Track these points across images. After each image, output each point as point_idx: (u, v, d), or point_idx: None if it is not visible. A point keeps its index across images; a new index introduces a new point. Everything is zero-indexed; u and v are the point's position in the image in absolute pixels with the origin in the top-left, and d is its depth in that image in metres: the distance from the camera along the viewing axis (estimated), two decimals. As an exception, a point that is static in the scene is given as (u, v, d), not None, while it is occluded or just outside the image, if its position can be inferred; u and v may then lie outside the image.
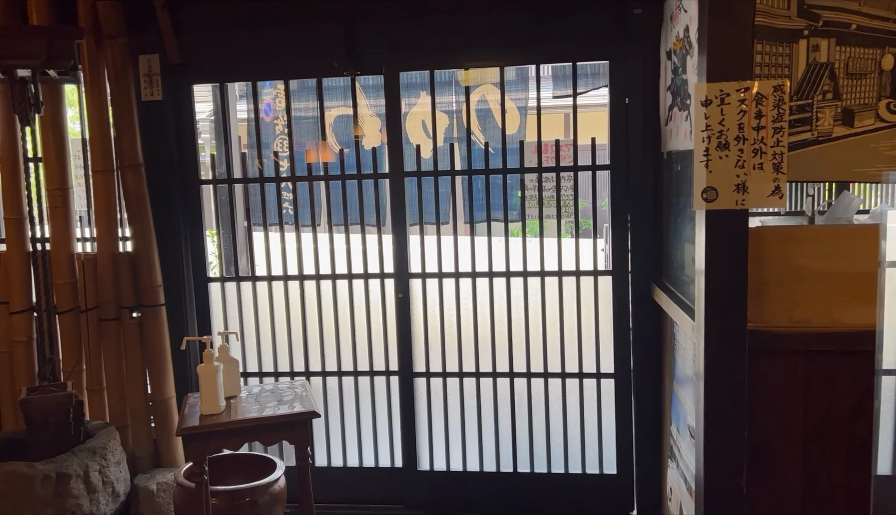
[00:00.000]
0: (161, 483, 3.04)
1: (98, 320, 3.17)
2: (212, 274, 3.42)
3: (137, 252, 3.17)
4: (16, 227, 3.14)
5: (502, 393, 3.28)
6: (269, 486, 2.82)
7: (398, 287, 3.26)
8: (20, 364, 3.18)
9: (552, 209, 3.13)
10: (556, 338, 3.21)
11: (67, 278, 3.14)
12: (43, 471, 2.60)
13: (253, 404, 2.44)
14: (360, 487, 3.39)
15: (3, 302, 3.18)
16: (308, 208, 3.31)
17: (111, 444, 2.90)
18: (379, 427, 3.40)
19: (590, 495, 3.23)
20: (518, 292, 3.21)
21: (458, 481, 3.32)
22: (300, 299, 3.37)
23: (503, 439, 3.29)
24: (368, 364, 3.38)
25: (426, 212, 3.26)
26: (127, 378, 3.20)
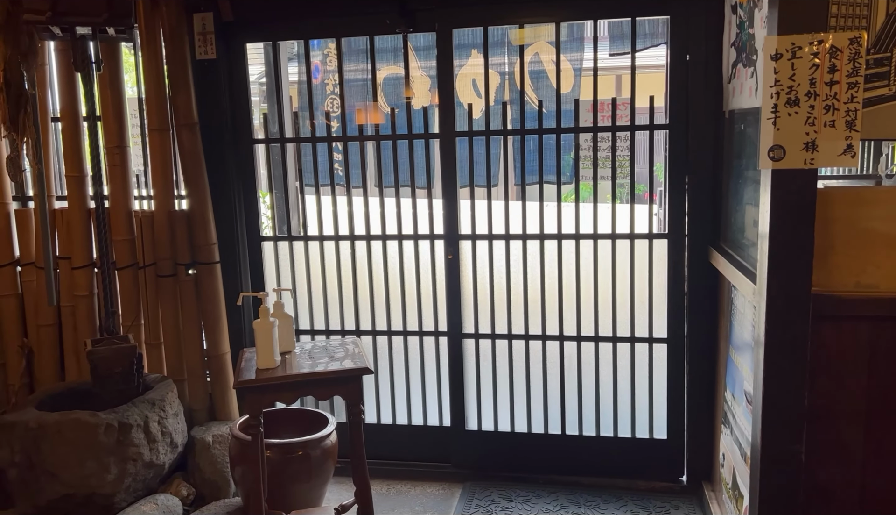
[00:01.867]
0: (217, 436, 3.12)
1: (155, 276, 3.25)
2: (264, 233, 3.46)
3: (193, 210, 3.22)
4: (76, 184, 3.22)
5: (552, 356, 3.26)
6: (322, 440, 2.88)
7: (448, 249, 3.25)
8: (82, 318, 3.28)
9: (607, 170, 3.07)
10: (607, 302, 3.17)
11: (126, 235, 3.22)
12: (106, 420, 2.69)
13: (307, 359, 2.48)
14: (407, 444, 3.43)
15: (66, 257, 3.28)
16: (359, 168, 3.31)
17: (169, 396, 2.99)
18: (427, 387, 3.43)
19: (639, 459, 3.21)
20: (570, 255, 3.17)
21: (506, 441, 3.33)
22: (351, 260, 3.39)
23: (552, 401, 3.29)
24: (418, 325, 3.39)
25: (477, 174, 3.23)
26: (183, 333, 3.28)
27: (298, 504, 2.80)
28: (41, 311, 3.32)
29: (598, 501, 3.08)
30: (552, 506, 3.05)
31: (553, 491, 3.17)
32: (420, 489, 3.27)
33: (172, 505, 2.90)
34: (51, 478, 2.65)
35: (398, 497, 3.20)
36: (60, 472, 2.64)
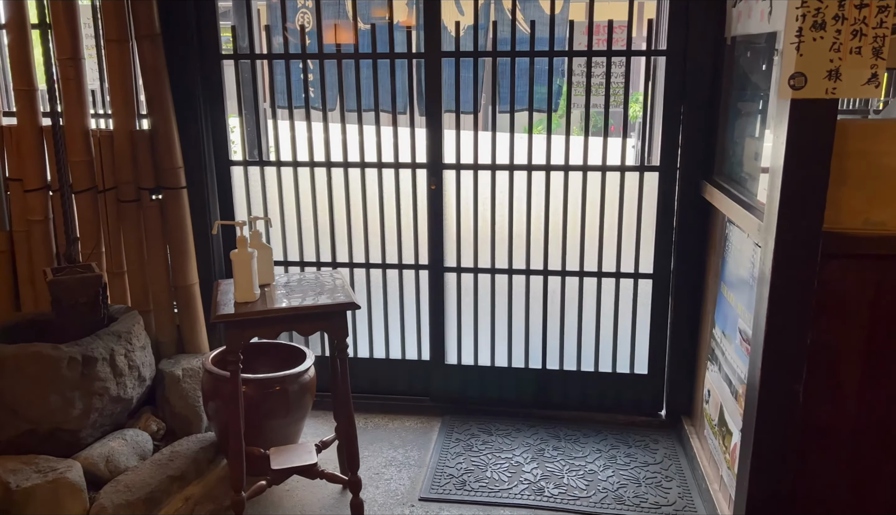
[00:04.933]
0: (187, 369, 2.99)
1: (116, 201, 3.04)
2: (234, 158, 3.25)
3: (156, 130, 2.99)
4: (26, 99, 2.95)
5: (535, 291, 3.19)
6: (299, 376, 2.77)
7: (430, 179, 3.11)
8: (37, 245, 3.06)
9: (600, 98, 2.93)
10: (594, 237, 3.08)
11: (83, 156, 2.97)
12: (69, 353, 2.53)
13: (288, 293, 2.34)
14: (385, 378, 3.36)
15: (17, 179, 3.03)
16: (335, 90, 3.11)
17: (136, 328, 2.83)
18: (406, 321, 3.33)
19: (619, 394, 3.20)
20: (558, 187, 3.06)
21: (486, 376, 3.28)
22: (327, 188, 3.22)
23: (533, 336, 3.23)
24: (397, 257, 3.27)
25: (463, 100, 3.06)
26: (148, 263, 3.10)
27: (275, 440, 2.71)
28: (-8, 237, 3.09)
29: (578, 435, 3.08)
30: (532, 440, 3.03)
31: (533, 425, 3.15)
32: (398, 422, 3.21)
33: (142, 441, 2.78)
34: (11, 414, 2.50)
35: (376, 430, 3.14)
36: (22, 408, 2.49)
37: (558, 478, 2.75)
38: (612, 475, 2.78)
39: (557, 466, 2.84)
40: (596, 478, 2.76)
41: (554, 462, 2.87)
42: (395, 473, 2.81)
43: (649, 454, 2.93)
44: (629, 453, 2.94)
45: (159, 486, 2.56)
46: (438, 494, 2.66)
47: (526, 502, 2.61)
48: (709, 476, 2.63)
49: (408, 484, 2.73)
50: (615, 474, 2.79)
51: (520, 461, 2.87)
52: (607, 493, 2.67)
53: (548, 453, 2.93)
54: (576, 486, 2.71)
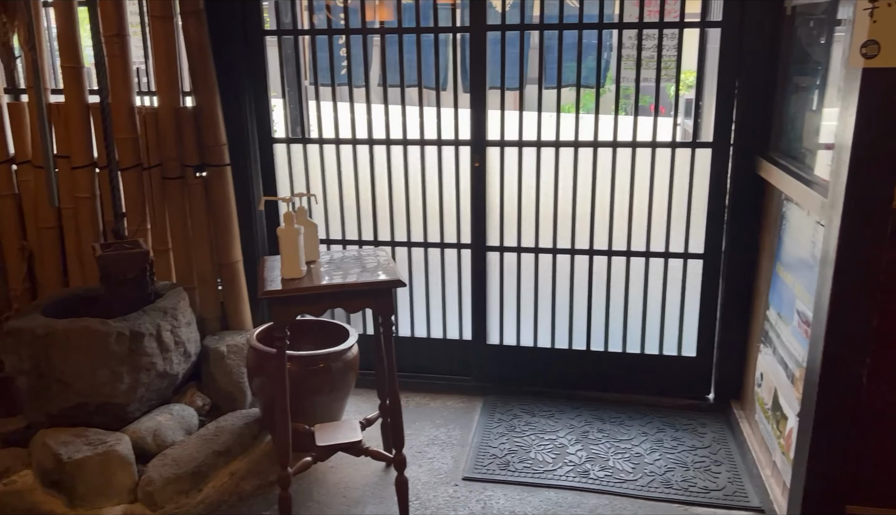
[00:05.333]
0: (231, 346, 3.00)
1: (161, 178, 3.05)
2: (276, 135, 3.24)
3: (200, 107, 2.99)
4: (73, 76, 2.97)
5: (580, 271, 3.13)
6: (343, 353, 2.77)
7: (474, 156, 3.06)
8: (84, 221, 3.09)
9: (650, 72, 2.84)
10: (642, 216, 3.01)
11: (129, 133, 2.99)
12: (117, 328, 2.56)
13: (334, 270, 2.33)
14: (426, 357, 3.34)
15: (64, 156, 3.06)
16: (378, 66, 3.07)
17: (181, 305, 2.85)
18: (448, 300, 3.30)
19: (665, 376, 3.14)
20: (605, 164, 2.99)
21: (528, 356, 3.24)
22: (369, 165, 3.19)
23: (577, 317, 3.18)
24: (439, 236, 3.23)
25: (508, 76, 2.99)
26: (193, 239, 3.11)
27: (319, 417, 2.71)
28: (41, 213, 3.13)
29: (623, 417, 3.02)
30: (576, 421, 2.99)
31: (576, 407, 3.10)
32: (440, 402, 3.19)
33: (188, 416, 2.81)
34: (62, 387, 2.54)
35: (418, 409, 3.13)
36: (72, 381, 2.53)
37: (604, 461, 2.71)
38: (659, 458, 2.73)
39: (602, 448, 2.79)
40: (642, 461, 2.71)
41: (599, 444, 2.82)
42: (437, 452, 2.79)
43: (697, 437, 2.87)
44: (676, 436, 2.88)
45: (205, 461, 2.59)
46: (482, 474, 2.64)
47: (571, 484, 2.57)
48: (760, 462, 2.56)
49: (451, 463, 2.71)
50: (662, 457, 2.73)
51: (564, 442, 2.84)
52: (654, 476, 2.62)
53: (592, 435, 2.89)
54: (622, 469, 2.66)
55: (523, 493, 2.53)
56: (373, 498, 2.50)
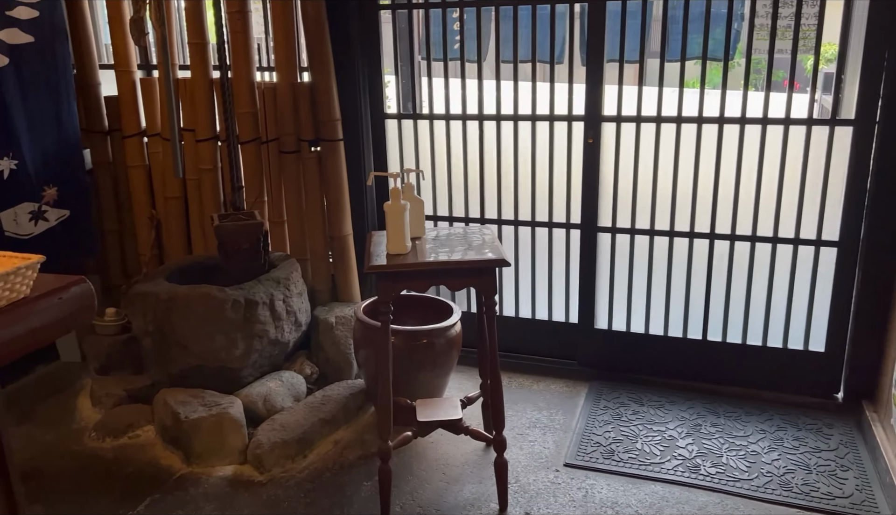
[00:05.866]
0: (339, 317, 3.07)
1: (278, 152, 3.13)
2: (388, 110, 3.25)
3: (316, 83, 3.04)
4: (199, 52, 3.09)
5: (698, 256, 2.96)
6: (446, 330, 2.76)
7: (588, 132, 2.94)
8: (207, 192, 3.24)
9: (786, 43, 2.61)
10: (770, 198, 2.80)
11: (248, 107, 3.09)
12: (233, 296, 2.66)
13: (439, 247, 2.31)
14: (531, 339, 3.28)
15: (189, 129, 3.21)
16: (492, 40, 3.00)
17: (294, 275, 2.93)
18: (555, 282, 3.22)
19: (788, 371, 2.92)
20: (731, 142, 2.79)
21: (638, 343, 3.11)
22: (478, 141, 3.14)
23: (694, 304, 3.01)
24: (548, 215, 3.15)
25: (629, 48, 2.84)
26: (306, 213, 3.19)
27: (421, 393, 2.72)
28: (168, 183, 3.30)
29: (740, 412, 2.84)
30: (688, 414, 2.84)
31: (689, 399, 2.95)
32: (543, 384, 3.13)
33: (297, 383, 2.90)
34: (182, 349, 2.68)
35: (520, 390, 3.08)
36: (191, 344, 2.66)
37: (716, 457, 2.56)
38: (778, 458, 2.55)
39: (716, 443, 2.64)
40: (759, 460, 2.54)
41: (712, 439, 2.67)
42: (539, 435, 2.74)
43: (822, 439, 2.66)
44: (798, 436, 2.68)
45: (311, 428, 2.66)
46: (585, 461, 2.56)
47: (679, 479, 2.45)
48: (894, 469, 2.33)
49: (552, 448, 2.65)
50: (781, 457, 2.55)
51: (674, 435, 2.70)
52: (772, 477, 2.45)
53: (705, 429, 2.74)
54: (736, 467, 2.51)
55: (627, 485, 2.43)
56: (472, 478, 2.49)
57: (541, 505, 2.34)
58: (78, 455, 2.66)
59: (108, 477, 2.52)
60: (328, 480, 2.49)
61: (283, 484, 2.46)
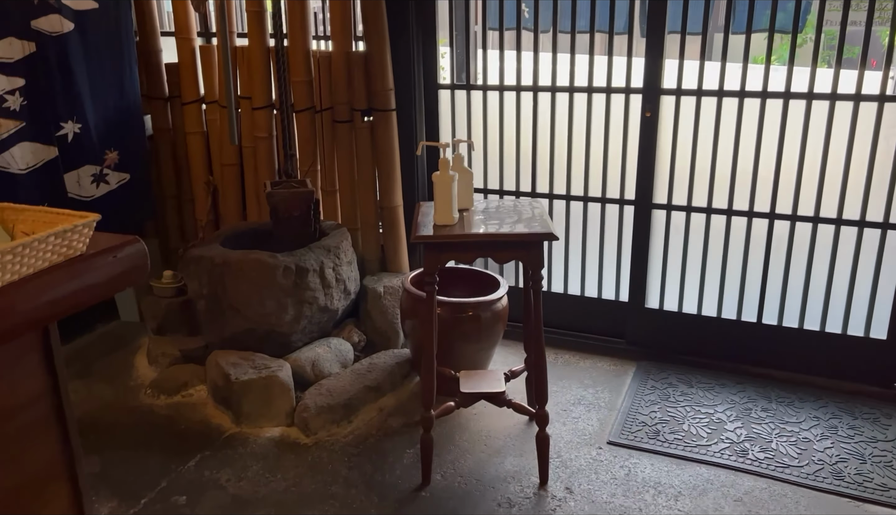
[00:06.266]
0: (388, 287, 3.09)
1: (332, 121, 3.15)
2: (442, 81, 3.23)
3: (371, 52, 3.03)
4: (256, 20, 3.11)
5: (757, 236, 2.86)
6: (492, 303, 2.75)
7: (646, 105, 2.86)
8: (262, 160, 3.29)
9: (860, 14, 2.48)
10: (836, 177, 2.68)
11: (304, 75, 3.11)
12: (284, 262, 2.70)
13: (486, 219, 2.29)
14: (579, 316, 3.24)
15: (246, 97, 3.25)
16: (550, 10, 2.93)
17: (344, 244, 2.96)
18: (605, 259, 3.17)
19: (846, 358, 2.82)
20: (796, 119, 2.68)
21: (689, 324, 3.04)
22: (532, 113, 3.09)
23: (750, 286, 2.92)
24: (601, 191, 3.09)
25: (691, 19, 2.74)
26: (358, 183, 3.21)
27: (465, 365, 2.73)
28: (224, 150, 3.36)
29: (793, 398, 2.76)
30: (738, 397, 2.77)
31: (740, 382, 2.88)
32: (590, 362, 3.10)
33: (344, 350, 2.94)
34: (234, 312, 2.74)
35: (566, 367, 3.05)
36: (242, 308, 2.72)
37: (765, 442, 2.50)
38: (831, 446, 2.47)
39: (766, 429, 2.57)
40: (811, 447, 2.47)
41: (762, 424, 2.61)
42: (583, 412, 2.71)
43: (879, 429, 2.56)
44: (853, 425, 2.59)
45: (357, 394, 2.70)
46: (629, 440, 2.53)
47: (726, 462, 2.40)
48: (957, 467, 2.24)
49: (596, 426, 2.63)
50: (834, 446, 2.47)
51: (722, 418, 2.65)
52: (823, 465, 2.37)
53: (755, 413, 2.67)
54: (785, 453, 2.44)
55: (671, 465, 2.40)
56: (513, 450, 2.49)
57: (582, 481, 2.33)
58: (134, 410, 2.76)
59: (161, 433, 2.62)
60: (371, 445, 2.52)
61: (327, 448, 2.51)
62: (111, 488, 2.32)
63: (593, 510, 2.20)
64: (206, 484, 2.33)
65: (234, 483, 2.34)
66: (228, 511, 2.21)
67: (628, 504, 2.22)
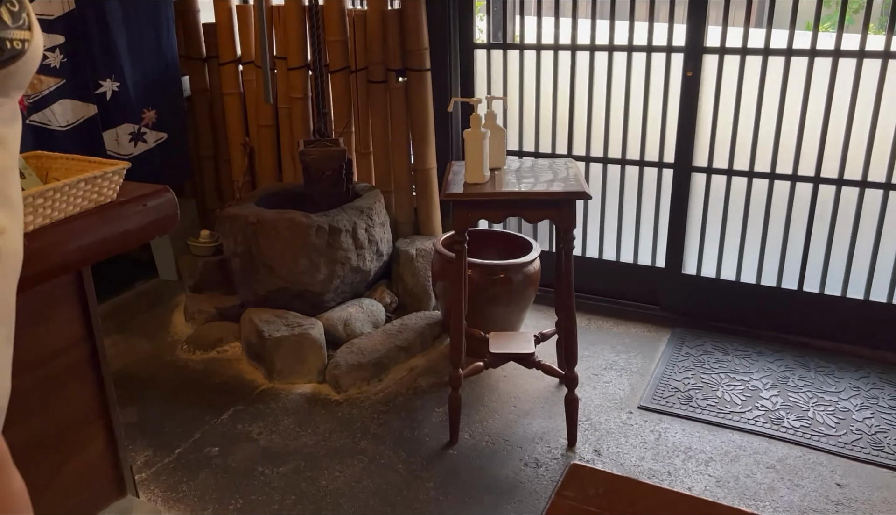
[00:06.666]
0: (420, 249, 3.08)
1: (366, 81, 3.13)
2: (478, 40, 3.17)
3: (405, 10, 2.99)
4: (292, -22, 3.10)
5: (800, 201, 2.77)
6: (524, 266, 2.73)
7: (687, 64, 2.78)
8: (297, 121, 3.29)
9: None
10: (886, 141, 2.57)
11: (339, 35, 3.09)
12: (317, 222, 2.72)
13: (519, 178, 2.25)
14: (613, 282, 3.19)
15: (282, 57, 3.25)
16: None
17: (377, 206, 2.95)
18: (642, 224, 3.11)
19: (890, 328, 2.72)
20: (845, 79, 2.57)
21: (727, 291, 2.97)
22: (570, 73, 3.03)
23: (791, 252, 2.84)
24: (639, 153, 3.02)
25: (736, -29, 2.64)
26: (392, 144, 3.19)
27: (496, 327, 2.71)
28: (260, 111, 3.38)
29: (832, 368, 2.69)
30: (775, 366, 2.71)
31: (778, 351, 2.81)
32: (623, 328, 3.06)
33: (376, 310, 2.95)
34: (268, 271, 2.77)
35: (599, 332, 3.02)
36: (276, 266, 2.74)
37: (802, 410, 2.44)
38: (871, 417, 2.40)
39: (802, 397, 2.51)
40: (849, 417, 2.40)
41: (799, 392, 2.54)
42: (614, 377, 2.69)
43: (923, 402, 2.49)
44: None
45: (387, 353, 2.71)
46: (660, 405, 2.50)
47: (760, 429, 2.35)
48: None
49: (627, 390, 2.60)
50: (874, 416, 2.40)
51: (757, 385, 2.59)
52: (861, 435, 2.31)
53: (792, 382, 2.61)
54: (822, 422, 2.38)
55: (703, 431, 2.36)
56: (542, 412, 2.48)
57: (610, 444, 2.31)
58: (170, 365, 2.83)
59: (196, 387, 2.67)
60: (401, 403, 2.54)
61: (357, 404, 2.54)
62: (147, 438, 2.38)
63: (622, 472, 2.18)
64: (239, 437, 2.38)
65: (265, 436, 2.38)
66: (259, 462, 2.25)
67: (657, 468, 2.20)
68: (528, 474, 2.19)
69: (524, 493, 2.11)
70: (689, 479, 2.15)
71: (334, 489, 2.14)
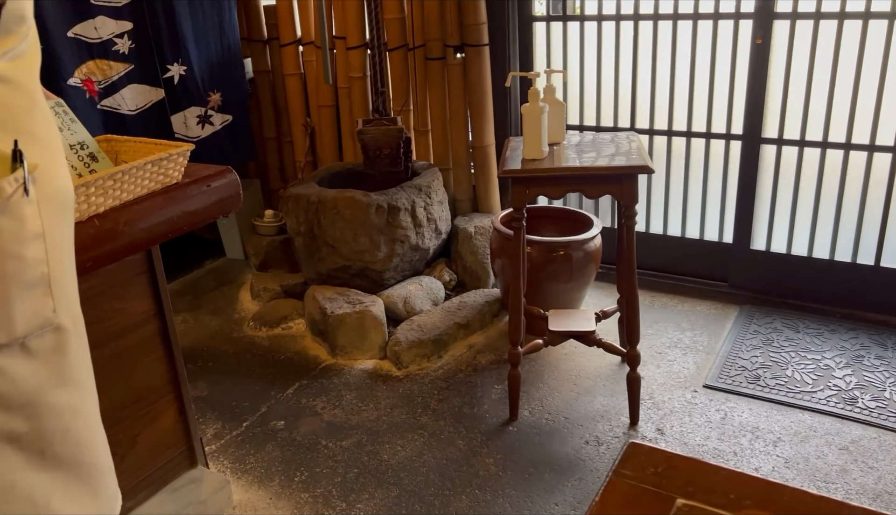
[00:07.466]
0: (478, 227, 3.08)
1: (424, 59, 3.12)
2: (536, 13, 3.12)
3: (463, -15, 2.97)
4: (350, -43, 3.11)
5: (878, 172, 2.64)
6: (584, 243, 2.69)
7: (757, 31, 2.66)
8: (357, 100, 3.31)
9: None
10: (974, 105, 2.42)
11: (397, 13, 3.08)
12: (377, 201, 2.74)
13: (578, 153, 2.22)
14: (679, 258, 3.12)
15: (341, 37, 3.27)
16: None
17: (435, 184, 2.96)
18: (709, 198, 3.01)
19: (978, 307, 2.58)
20: (929, 39, 2.42)
21: (799, 267, 2.87)
22: (632, 44, 2.94)
23: (868, 226, 2.71)
24: (706, 125, 2.92)
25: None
26: (450, 122, 3.18)
27: (556, 304, 2.69)
28: (321, 91, 3.41)
29: (913, 348, 2.57)
30: (849, 344, 2.60)
31: (852, 328, 2.70)
32: (688, 305, 2.99)
33: (435, 288, 2.97)
34: (330, 249, 2.81)
35: (663, 310, 2.96)
36: (337, 245, 2.78)
37: (878, 390, 2.34)
38: (955, 400, 2.29)
39: (878, 377, 2.41)
40: (930, 400, 2.29)
41: (874, 372, 2.44)
42: (678, 355, 2.63)
43: None
44: (983, 379, 2.38)
45: (447, 330, 2.73)
46: (726, 384, 2.44)
47: (832, 410, 2.27)
48: None
49: (692, 369, 2.54)
50: (958, 400, 2.29)
51: (830, 364, 2.50)
52: (943, 419, 2.21)
53: (868, 361, 2.50)
54: (901, 404, 2.28)
55: (771, 410, 2.29)
56: (603, 390, 2.45)
57: (674, 423, 2.27)
58: (237, 341, 2.91)
59: (262, 362, 2.75)
60: (460, 380, 2.56)
61: (418, 380, 2.57)
62: (217, 411, 2.47)
63: (685, 451, 2.15)
64: (303, 411, 2.44)
65: (328, 411, 2.43)
66: (323, 436, 2.31)
67: (723, 448, 2.15)
68: (588, 452, 2.17)
69: (585, 471, 2.10)
70: (756, 459, 2.10)
71: (396, 463, 2.17)
